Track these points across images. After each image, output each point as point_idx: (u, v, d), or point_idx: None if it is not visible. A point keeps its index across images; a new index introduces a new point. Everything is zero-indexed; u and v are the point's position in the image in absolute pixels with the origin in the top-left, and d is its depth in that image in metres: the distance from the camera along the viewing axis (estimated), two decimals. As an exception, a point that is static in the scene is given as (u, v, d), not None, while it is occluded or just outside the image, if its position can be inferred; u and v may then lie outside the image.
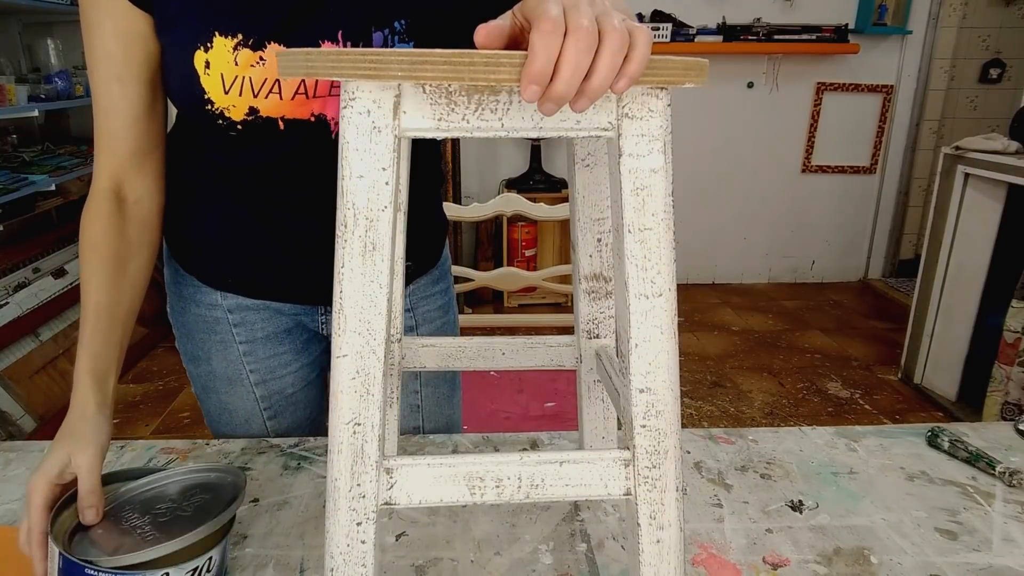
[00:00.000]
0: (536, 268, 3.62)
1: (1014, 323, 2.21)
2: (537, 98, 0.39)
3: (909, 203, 4.09)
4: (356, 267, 0.45)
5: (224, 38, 0.67)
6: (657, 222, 0.47)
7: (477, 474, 0.50)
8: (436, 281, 0.98)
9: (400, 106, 0.43)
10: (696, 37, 3.62)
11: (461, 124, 0.44)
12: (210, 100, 0.69)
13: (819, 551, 0.70)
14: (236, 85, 0.68)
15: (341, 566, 0.50)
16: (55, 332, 2.64)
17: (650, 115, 0.46)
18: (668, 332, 0.49)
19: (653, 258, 0.47)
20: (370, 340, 0.47)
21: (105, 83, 0.70)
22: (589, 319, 0.73)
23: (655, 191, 0.47)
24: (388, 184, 0.44)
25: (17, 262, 2.66)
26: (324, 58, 0.41)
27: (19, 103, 2.47)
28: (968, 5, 3.78)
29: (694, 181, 3.95)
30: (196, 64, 0.67)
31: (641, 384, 0.49)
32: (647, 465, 0.50)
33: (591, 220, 0.69)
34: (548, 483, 0.50)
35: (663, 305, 0.48)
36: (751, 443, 0.90)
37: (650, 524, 0.51)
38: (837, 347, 3.28)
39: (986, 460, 0.84)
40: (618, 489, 0.51)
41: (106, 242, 0.72)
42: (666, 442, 0.50)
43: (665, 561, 0.52)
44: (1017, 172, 2.25)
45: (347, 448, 0.48)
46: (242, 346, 0.89)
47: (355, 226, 0.45)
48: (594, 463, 0.51)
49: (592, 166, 0.67)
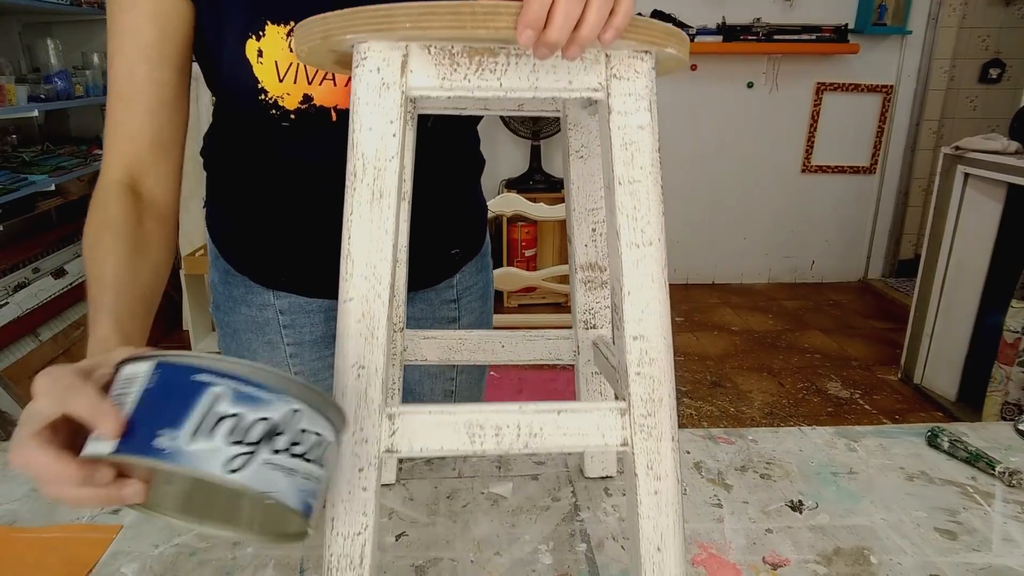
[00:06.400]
0: (536, 268, 3.61)
1: (1014, 323, 2.21)
2: (532, 43, 0.42)
3: (909, 203, 4.09)
4: (364, 213, 0.48)
5: (277, 26, 0.66)
6: (645, 175, 0.49)
7: (477, 422, 0.51)
8: (479, 271, 0.98)
9: (407, 65, 0.46)
10: (696, 37, 3.62)
11: (463, 83, 0.47)
12: (263, 89, 0.68)
13: (819, 551, 0.70)
14: (291, 72, 0.68)
15: (342, 514, 0.50)
16: (55, 332, 2.64)
17: (636, 76, 0.49)
18: (659, 281, 0.50)
19: (642, 208, 0.50)
20: (375, 285, 0.49)
21: (129, 66, 0.65)
22: (585, 309, 0.74)
23: (643, 146, 0.49)
24: (395, 136, 0.47)
25: (17, 262, 2.66)
26: (339, 18, 0.45)
27: (19, 103, 2.47)
28: (968, 5, 3.78)
29: (694, 181, 3.95)
30: (248, 53, 0.66)
31: (634, 331, 0.51)
32: (642, 413, 0.51)
33: (586, 210, 0.70)
34: (547, 432, 0.51)
35: (653, 255, 0.50)
36: (751, 443, 0.90)
37: (647, 474, 0.52)
38: (837, 347, 3.28)
39: (986, 460, 0.84)
40: (615, 439, 0.52)
41: (123, 223, 0.63)
42: (660, 390, 0.51)
43: (663, 513, 0.52)
44: (1017, 172, 2.25)
45: (351, 392, 0.49)
46: (289, 348, 0.89)
47: (364, 175, 0.47)
48: (591, 412, 0.52)
49: (586, 158, 0.69)
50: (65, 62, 2.87)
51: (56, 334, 2.64)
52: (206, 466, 0.38)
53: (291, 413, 0.41)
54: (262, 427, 0.39)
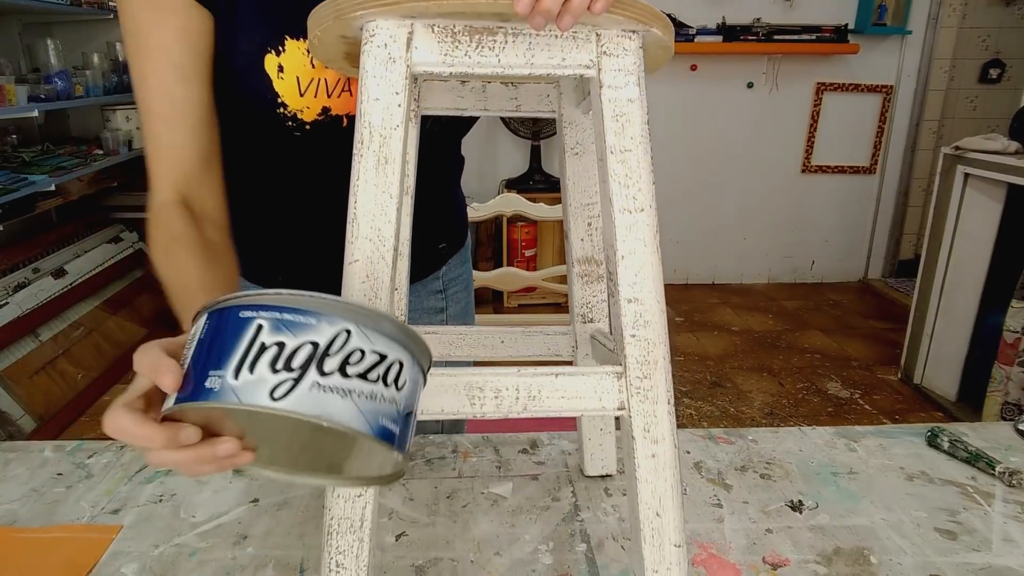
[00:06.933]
0: (536, 268, 3.61)
1: (1014, 323, 2.21)
2: (528, 11, 0.44)
3: (909, 203, 4.09)
4: (370, 178, 0.50)
5: (297, 40, 0.67)
6: (636, 144, 0.51)
7: (476, 384, 0.52)
8: (462, 263, 1.01)
9: (412, 42, 0.49)
10: (696, 37, 3.62)
11: (464, 59, 0.50)
12: (283, 103, 0.68)
13: (819, 551, 0.70)
14: (312, 87, 0.68)
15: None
16: (55, 332, 2.64)
17: (625, 53, 0.51)
18: (651, 246, 0.52)
19: (634, 176, 0.52)
20: (380, 247, 0.50)
21: (166, 88, 0.65)
22: (583, 303, 0.75)
23: (633, 117, 0.51)
24: (400, 107, 0.50)
25: (17, 262, 2.66)
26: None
27: (19, 103, 2.47)
28: (968, 5, 3.78)
29: (694, 181, 3.95)
30: (267, 68, 0.67)
31: (629, 294, 0.52)
32: (638, 375, 0.53)
33: (581, 205, 0.73)
34: (545, 395, 0.53)
35: (645, 220, 0.52)
36: (751, 443, 0.90)
37: (644, 437, 0.53)
38: (837, 347, 3.28)
39: (986, 460, 0.84)
40: (612, 403, 0.53)
41: (190, 236, 0.63)
42: (655, 352, 0.53)
43: (661, 477, 0.53)
44: (1017, 172, 2.25)
45: None
46: None
47: (370, 142, 0.50)
48: (588, 375, 0.53)
49: (581, 154, 0.71)
50: (65, 62, 2.87)
51: (56, 334, 2.64)
52: (252, 398, 0.37)
53: (341, 334, 0.40)
54: (306, 351, 0.39)
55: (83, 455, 0.86)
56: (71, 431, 2.45)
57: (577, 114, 0.70)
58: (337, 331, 0.40)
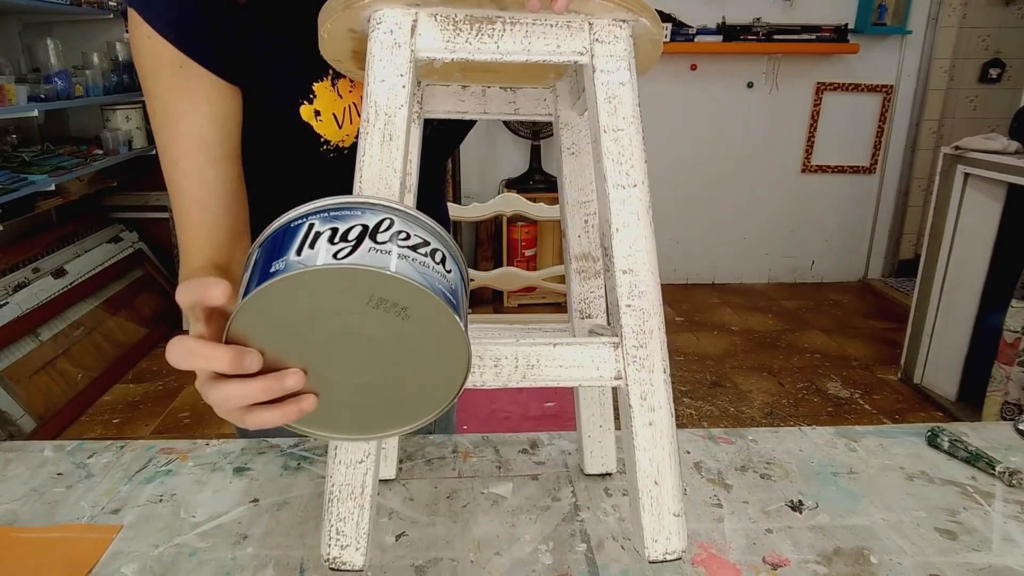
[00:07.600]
0: (536, 268, 3.61)
1: (1014, 323, 2.21)
2: None
3: (909, 203, 4.09)
4: (375, 155, 0.52)
5: (321, 82, 0.68)
6: (628, 124, 0.54)
7: (477, 353, 0.53)
8: None
9: (416, 29, 0.52)
10: (696, 37, 3.62)
11: (464, 46, 0.53)
12: (326, 141, 0.71)
13: (819, 551, 0.70)
14: (346, 115, 0.71)
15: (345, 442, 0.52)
16: (55, 332, 2.64)
17: (616, 40, 0.54)
18: (644, 220, 0.54)
19: (626, 153, 0.54)
20: None
21: (198, 170, 0.66)
22: (580, 299, 0.76)
23: (624, 99, 0.54)
24: (404, 88, 0.52)
25: (17, 262, 2.66)
26: None
27: (19, 103, 2.47)
28: (968, 5, 3.78)
29: (693, 181, 3.95)
30: (305, 117, 0.69)
31: (624, 265, 0.54)
32: (634, 344, 0.54)
33: (578, 203, 0.74)
34: (543, 364, 0.54)
35: (638, 195, 0.54)
36: (751, 443, 0.90)
37: (641, 405, 0.54)
38: (837, 347, 3.28)
39: (986, 460, 0.84)
40: (609, 372, 0.54)
41: None
42: (651, 322, 0.54)
43: (658, 446, 0.54)
44: (1017, 172, 2.25)
45: None
46: None
47: (376, 120, 0.52)
48: (585, 345, 0.55)
49: (577, 154, 0.73)
50: (65, 62, 2.87)
51: (56, 334, 2.64)
52: (313, 262, 0.39)
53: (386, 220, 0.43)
54: (359, 229, 0.41)
55: (83, 455, 0.86)
56: (71, 431, 2.46)
57: (572, 116, 0.73)
58: (381, 218, 0.43)
